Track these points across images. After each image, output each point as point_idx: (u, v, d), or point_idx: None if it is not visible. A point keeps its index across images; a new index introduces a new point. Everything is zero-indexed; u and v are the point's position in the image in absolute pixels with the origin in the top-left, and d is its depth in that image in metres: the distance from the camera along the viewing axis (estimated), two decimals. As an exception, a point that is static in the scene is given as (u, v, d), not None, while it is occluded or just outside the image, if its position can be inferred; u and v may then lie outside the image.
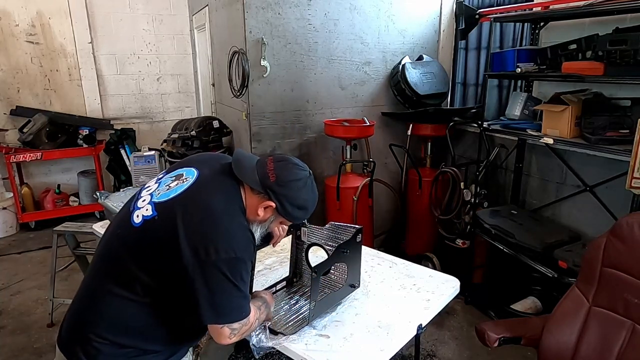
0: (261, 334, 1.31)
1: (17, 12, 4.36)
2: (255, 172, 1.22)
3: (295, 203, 1.24)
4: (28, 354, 2.60)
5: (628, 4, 2.09)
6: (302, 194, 1.25)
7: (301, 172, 1.25)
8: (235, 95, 3.24)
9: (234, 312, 1.16)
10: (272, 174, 1.21)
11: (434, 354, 2.56)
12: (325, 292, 1.54)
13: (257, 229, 1.25)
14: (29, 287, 3.37)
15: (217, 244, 1.11)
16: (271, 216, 1.25)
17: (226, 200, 1.20)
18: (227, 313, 1.15)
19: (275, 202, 1.21)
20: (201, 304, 1.11)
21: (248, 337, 1.31)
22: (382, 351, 1.28)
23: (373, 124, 3.22)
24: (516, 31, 3.13)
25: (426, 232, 3.50)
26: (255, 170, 1.23)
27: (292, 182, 1.22)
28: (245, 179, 1.22)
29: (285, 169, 1.23)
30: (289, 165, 1.24)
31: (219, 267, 1.10)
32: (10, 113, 4.47)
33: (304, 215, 1.29)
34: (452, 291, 1.60)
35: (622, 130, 2.25)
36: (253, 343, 1.30)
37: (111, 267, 1.20)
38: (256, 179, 1.21)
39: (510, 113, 2.99)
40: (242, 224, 1.19)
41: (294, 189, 1.23)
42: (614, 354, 1.47)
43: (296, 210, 1.25)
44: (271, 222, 1.29)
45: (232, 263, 1.12)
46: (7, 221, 4.39)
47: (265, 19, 2.97)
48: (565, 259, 2.30)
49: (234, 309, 1.16)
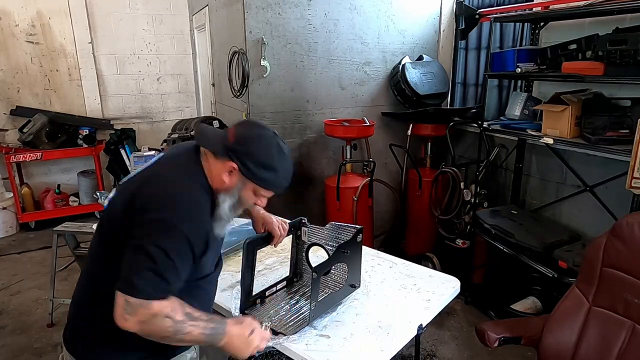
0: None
1: (17, 12, 4.36)
2: (217, 137, 1.18)
3: (259, 161, 1.14)
4: (28, 354, 2.60)
5: (628, 4, 2.09)
6: (265, 151, 1.15)
7: (264, 130, 1.18)
8: (235, 95, 3.24)
9: (139, 283, 1.02)
10: (233, 135, 1.15)
11: (434, 354, 2.56)
12: (326, 292, 1.54)
13: (225, 199, 1.17)
14: (29, 287, 3.37)
15: (158, 204, 1.07)
16: (238, 182, 1.16)
17: (182, 172, 1.16)
18: (130, 279, 1.02)
19: (236, 162, 1.13)
20: (122, 265, 1.05)
21: None
22: (382, 351, 1.28)
23: (373, 124, 3.22)
24: (516, 31, 3.13)
25: (426, 232, 3.50)
26: (218, 136, 1.19)
27: (253, 138, 1.15)
28: (207, 145, 1.18)
29: (246, 128, 1.19)
30: (251, 125, 1.21)
31: (147, 226, 1.05)
32: (10, 113, 4.47)
33: (273, 177, 1.17)
34: (452, 291, 1.61)
35: (622, 130, 2.25)
36: None
37: (90, 258, 1.23)
38: (217, 143, 1.16)
39: (510, 113, 2.99)
40: (194, 195, 1.12)
41: (255, 146, 1.15)
42: (614, 354, 1.47)
43: (262, 170, 1.15)
44: (240, 190, 1.18)
45: (163, 227, 1.04)
46: (7, 221, 4.39)
47: (265, 19, 2.97)
48: (565, 259, 2.30)
49: (141, 279, 1.02)
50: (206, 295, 1.31)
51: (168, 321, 1.05)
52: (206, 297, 1.31)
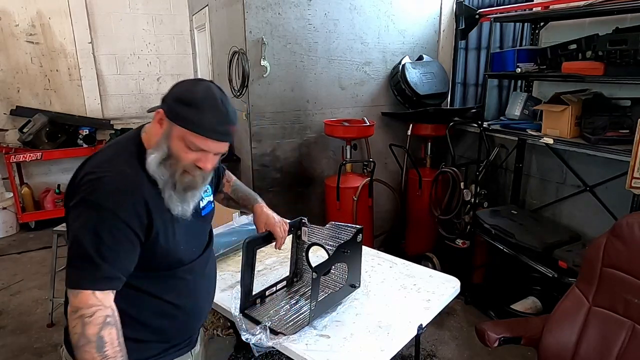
0: (261, 333, 1.31)
1: (17, 12, 4.36)
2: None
3: (179, 97, 1.03)
4: (28, 354, 2.60)
5: (628, 4, 2.09)
6: (188, 88, 1.05)
7: (200, 79, 1.10)
8: (235, 95, 3.24)
9: (72, 263, 0.98)
10: (170, 91, 1.08)
11: (434, 354, 2.56)
12: (326, 292, 1.54)
13: (151, 153, 1.06)
14: (29, 287, 3.37)
15: (80, 187, 1.01)
16: (165, 129, 1.05)
17: (110, 151, 1.10)
18: (69, 262, 0.99)
19: (163, 107, 1.05)
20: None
21: (248, 336, 1.30)
22: (382, 351, 1.28)
23: (373, 124, 3.22)
24: (516, 31, 3.13)
25: (426, 232, 3.50)
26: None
27: (183, 82, 1.09)
28: (152, 109, 1.17)
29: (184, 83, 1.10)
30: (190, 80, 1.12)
31: (72, 211, 1.00)
32: (10, 113, 4.47)
33: (195, 116, 1.02)
34: (452, 291, 1.61)
35: (622, 130, 2.25)
36: (253, 343, 1.29)
37: None
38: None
39: (510, 113, 2.99)
40: (116, 167, 1.03)
41: (180, 86, 1.07)
42: (614, 354, 1.47)
43: (184, 108, 1.02)
44: (168, 138, 1.04)
45: (85, 208, 0.99)
46: (7, 221, 4.39)
47: (265, 19, 2.97)
48: (565, 259, 2.30)
49: (72, 268, 0.98)
50: (187, 287, 1.19)
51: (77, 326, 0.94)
52: (187, 289, 1.19)
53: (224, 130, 1.06)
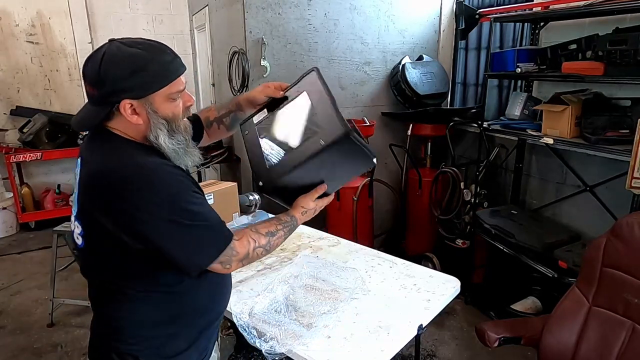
0: (273, 340, 1.29)
1: (17, 12, 4.36)
2: (85, 108, 1.06)
3: (127, 73, 0.97)
4: (28, 354, 2.60)
5: (628, 4, 2.09)
6: (117, 61, 0.99)
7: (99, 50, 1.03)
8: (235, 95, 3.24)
9: (203, 251, 1.01)
10: (91, 87, 1.01)
11: (434, 354, 2.56)
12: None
13: (156, 134, 1.02)
14: (29, 287, 3.37)
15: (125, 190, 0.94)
16: (146, 108, 1.00)
17: (115, 153, 1.00)
18: (194, 256, 1.00)
19: (123, 97, 0.98)
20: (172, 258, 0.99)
21: (260, 343, 1.28)
22: (382, 351, 1.28)
23: (373, 124, 3.22)
24: (516, 31, 3.13)
25: (426, 232, 3.50)
26: (84, 107, 1.06)
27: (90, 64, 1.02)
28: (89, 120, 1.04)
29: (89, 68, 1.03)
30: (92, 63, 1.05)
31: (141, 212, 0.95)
32: (10, 113, 4.47)
33: (156, 70, 0.98)
34: (452, 291, 1.60)
35: (622, 130, 2.25)
36: (265, 350, 1.27)
37: None
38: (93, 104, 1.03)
39: (510, 113, 2.99)
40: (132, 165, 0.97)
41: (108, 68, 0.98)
42: (614, 354, 1.47)
43: (141, 75, 0.96)
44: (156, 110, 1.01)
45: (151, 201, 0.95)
46: (7, 221, 4.39)
47: (265, 19, 2.97)
48: (565, 259, 2.30)
49: (200, 247, 1.01)
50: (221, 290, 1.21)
51: (260, 250, 1.13)
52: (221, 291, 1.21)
53: (178, 59, 1.04)
